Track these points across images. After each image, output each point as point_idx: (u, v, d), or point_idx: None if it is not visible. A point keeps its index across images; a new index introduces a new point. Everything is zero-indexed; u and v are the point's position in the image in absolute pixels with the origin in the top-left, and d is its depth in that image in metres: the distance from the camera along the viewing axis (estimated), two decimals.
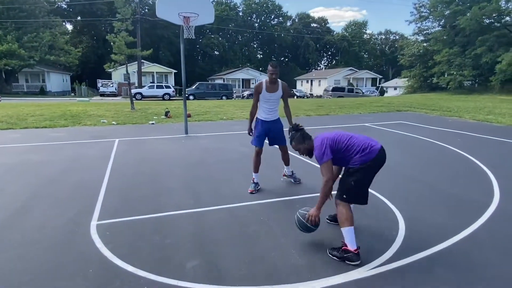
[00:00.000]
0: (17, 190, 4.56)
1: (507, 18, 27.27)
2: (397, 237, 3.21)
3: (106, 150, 7.03)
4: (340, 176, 3.15)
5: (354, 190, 2.87)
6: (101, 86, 36.44)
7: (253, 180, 4.55)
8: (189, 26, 8.07)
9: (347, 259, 2.76)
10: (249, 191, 4.40)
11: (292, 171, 4.93)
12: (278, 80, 4.45)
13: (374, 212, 3.84)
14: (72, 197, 4.29)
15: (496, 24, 27.64)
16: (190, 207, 3.94)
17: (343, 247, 2.81)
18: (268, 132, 4.60)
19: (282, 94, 4.53)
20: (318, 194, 3.00)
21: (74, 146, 7.51)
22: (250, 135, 4.70)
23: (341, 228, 2.84)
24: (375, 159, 2.83)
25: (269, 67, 4.28)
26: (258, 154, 4.55)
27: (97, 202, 4.07)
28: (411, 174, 5.37)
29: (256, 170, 4.55)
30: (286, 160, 4.83)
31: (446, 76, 31.00)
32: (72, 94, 40.33)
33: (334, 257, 2.83)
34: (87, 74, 48.59)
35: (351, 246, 2.76)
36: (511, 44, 23.96)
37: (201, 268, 2.69)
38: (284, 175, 4.98)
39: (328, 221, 3.56)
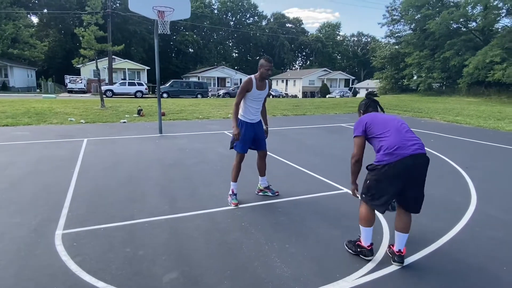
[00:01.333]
0: None
1: (474, 23, 28.55)
2: (382, 242, 3.13)
3: (73, 151, 6.59)
4: None
5: (370, 192, 2.65)
6: (69, 82, 34.77)
7: (232, 191, 4.01)
8: (164, 21, 7.74)
9: (360, 253, 2.81)
10: (233, 205, 3.89)
11: (267, 183, 4.36)
12: None
13: (356, 214, 3.75)
14: (35, 203, 3.92)
15: (463, 29, 28.86)
16: (165, 213, 3.69)
17: (357, 242, 2.84)
18: (253, 136, 4.06)
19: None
20: (302, 197, 2.85)
21: (38, 146, 7.00)
22: (235, 140, 3.96)
23: (359, 224, 2.81)
24: (395, 165, 2.47)
25: (264, 62, 3.80)
26: (241, 161, 4.06)
27: (63, 209, 3.73)
28: None
29: (236, 179, 4.04)
30: (263, 169, 4.27)
31: (416, 78, 32.04)
32: (38, 90, 38.22)
33: (350, 250, 2.88)
34: (54, 70, 46.29)
35: (365, 243, 2.79)
36: (477, 48, 25.06)
37: (179, 282, 2.47)
38: (260, 190, 4.34)
39: None
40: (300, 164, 5.86)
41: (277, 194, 4.30)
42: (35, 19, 48.79)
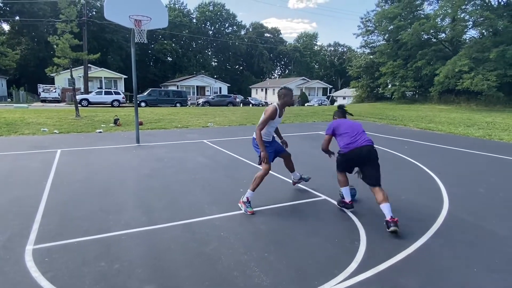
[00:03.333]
0: None
1: (443, 34, 29.85)
2: (359, 247, 3.18)
3: (46, 162, 6.37)
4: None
5: (338, 166, 4.14)
6: (43, 91, 33.66)
7: (247, 199, 4.08)
8: (141, 30, 7.68)
9: (344, 207, 4.14)
10: (249, 213, 3.97)
11: (299, 174, 4.97)
12: None
13: (334, 221, 3.81)
14: (4, 217, 3.75)
15: (433, 39, 30.11)
16: (142, 224, 3.62)
17: (342, 200, 4.15)
18: (274, 150, 4.44)
19: None
20: (281, 205, 2.87)
21: (9, 158, 6.72)
22: (264, 162, 4.11)
23: (339, 186, 4.15)
24: (348, 154, 3.88)
25: (289, 92, 4.19)
26: (267, 174, 4.16)
27: (34, 223, 3.59)
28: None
29: (255, 189, 4.15)
30: (291, 167, 4.85)
31: (390, 87, 33.06)
32: (9, 99, 36.82)
33: (339, 206, 4.20)
34: (27, 78, 44.73)
35: (346, 199, 4.11)
36: (446, 58, 26.16)
37: None
38: (295, 183, 5.02)
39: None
40: (278, 172, 5.89)
41: (309, 178, 5.03)
42: (6, 27, 47.16)
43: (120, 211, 3.99)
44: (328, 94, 53.55)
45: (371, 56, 37.06)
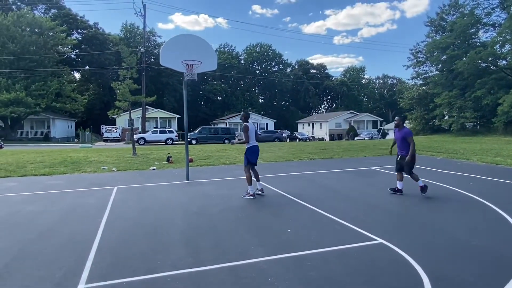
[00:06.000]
0: (2, 247, 4.19)
1: (503, 61, 27.99)
2: None
3: (103, 199, 6.72)
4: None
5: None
6: (105, 131, 36.81)
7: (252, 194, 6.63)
8: (192, 73, 8.13)
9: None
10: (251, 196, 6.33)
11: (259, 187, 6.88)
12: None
13: (394, 269, 3.44)
14: (60, 254, 3.92)
15: (493, 67, 28.32)
16: (187, 266, 3.56)
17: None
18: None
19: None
20: (332, 249, 2.64)
21: (70, 195, 7.21)
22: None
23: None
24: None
25: (245, 114, 7.20)
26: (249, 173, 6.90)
27: (87, 261, 3.70)
28: (429, 223, 4.98)
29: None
30: (256, 176, 7.05)
31: (448, 118, 31.19)
32: (76, 140, 40.65)
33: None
34: (92, 120, 49.42)
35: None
36: (510, 86, 24.32)
37: None
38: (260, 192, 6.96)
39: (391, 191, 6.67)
40: (328, 211, 5.61)
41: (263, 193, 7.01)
42: (77, 75, 53.25)
43: (167, 251, 3.99)
44: (378, 127, 51.80)
45: (424, 87, 35.66)
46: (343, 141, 31.74)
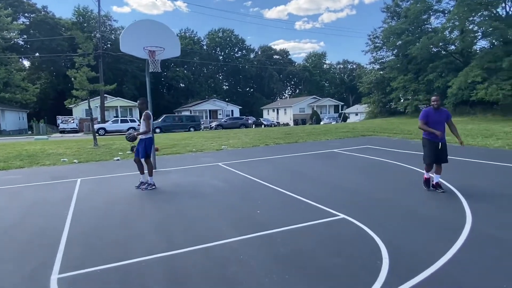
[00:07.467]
0: None
1: (452, 46, 29.82)
2: (382, 266, 3.12)
3: (67, 192, 6.54)
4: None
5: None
6: (61, 122, 34.90)
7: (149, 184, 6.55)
8: (155, 60, 7.97)
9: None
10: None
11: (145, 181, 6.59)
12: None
13: (355, 241, 3.75)
14: (29, 248, 3.85)
15: (443, 52, 30.10)
16: (162, 250, 3.65)
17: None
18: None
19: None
20: (299, 226, 2.86)
21: (31, 189, 6.93)
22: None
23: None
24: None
25: (142, 100, 6.84)
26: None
27: (58, 253, 3.67)
28: (386, 199, 5.40)
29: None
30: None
31: (403, 101, 32.91)
32: (29, 132, 38.19)
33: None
34: (46, 111, 46.53)
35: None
36: (458, 69, 26.02)
37: None
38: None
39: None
40: (295, 192, 5.88)
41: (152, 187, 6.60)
42: (26, 63, 49.66)
43: (140, 238, 4.04)
44: (340, 111, 53.55)
45: (381, 72, 37.18)
46: (306, 126, 32.54)
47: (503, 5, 25.35)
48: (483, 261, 3.18)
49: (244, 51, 76.47)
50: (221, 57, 72.49)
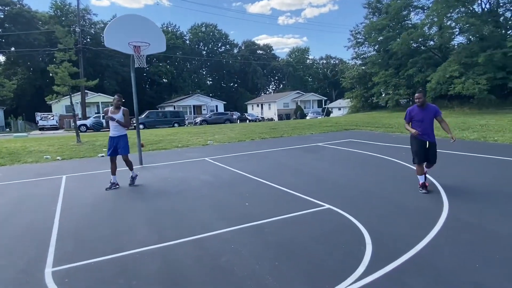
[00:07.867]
0: None
1: (431, 42, 30.59)
2: (366, 252, 3.32)
3: (53, 189, 6.49)
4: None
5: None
6: (40, 119, 33.91)
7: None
8: (140, 55, 7.95)
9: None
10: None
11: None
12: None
13: (340, 229, 3.94)
14: (19, 243, 3.87)
15: (422, 47, 30.84)
16: (154, 242, 3.74)
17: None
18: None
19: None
20: (287, 216, 3.00)
21: (15, 186, 6.84)
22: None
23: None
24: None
25: (117, 97, 6.66)
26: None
27: (50, 247, 3.71)
28: (369, 189, 5.63)
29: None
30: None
31: (384, 95, 33.58)
32: (7, 129, 37.00)
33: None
34: (24, 108, 45.07)
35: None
36: (437, 65, 26.73)
37: None
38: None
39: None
40: (281, 185, 6.05)
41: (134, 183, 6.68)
42: (2, 58, 47.92)
43: (131, 231, 4.11)
44: (323, 106, 54.17)
45: (363, 67, 37.75)
46: (291, 120, 32.82)
47: (479, 2, 26.18)
48: (457, 245, 3.42)
49: (227, 46, 76.04)
50: (204, 52, 71.87)
